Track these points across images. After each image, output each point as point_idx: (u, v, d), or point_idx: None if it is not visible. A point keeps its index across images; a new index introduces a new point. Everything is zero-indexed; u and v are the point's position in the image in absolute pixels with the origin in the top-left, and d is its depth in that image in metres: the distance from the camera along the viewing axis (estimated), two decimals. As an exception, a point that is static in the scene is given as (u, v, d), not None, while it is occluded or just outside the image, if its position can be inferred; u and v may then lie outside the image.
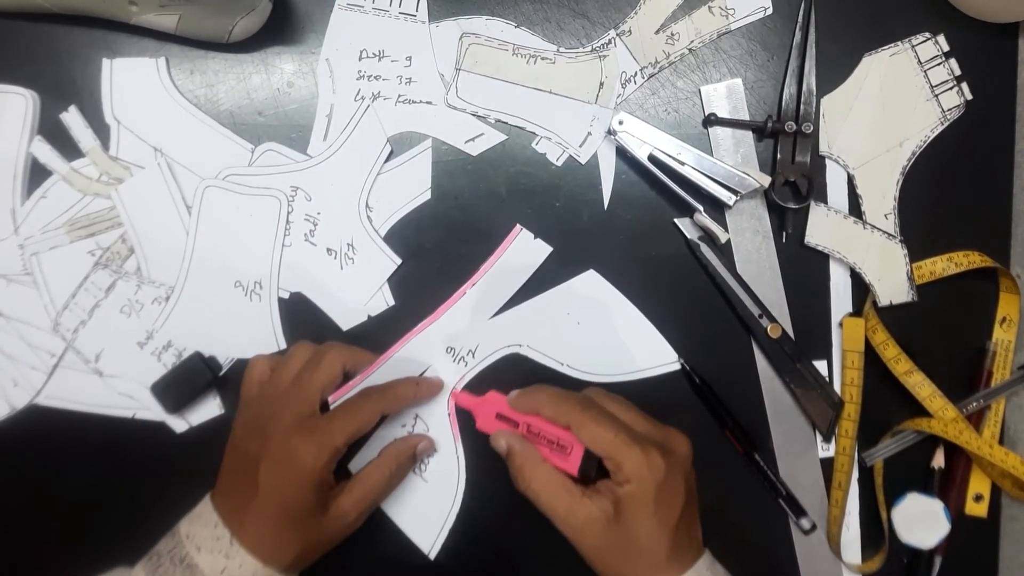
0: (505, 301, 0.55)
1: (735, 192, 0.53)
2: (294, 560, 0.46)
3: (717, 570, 0.47)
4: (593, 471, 0.47)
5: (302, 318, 0.55)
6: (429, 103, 0.56)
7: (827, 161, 0.56)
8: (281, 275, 0.55)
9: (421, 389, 0.53)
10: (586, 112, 0.56)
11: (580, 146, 0.56)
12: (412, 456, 0.52)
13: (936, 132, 0.56)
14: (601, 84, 0.56)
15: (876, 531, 0.56)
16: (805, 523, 0.54)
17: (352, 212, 0.55)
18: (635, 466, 0.44)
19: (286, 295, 0.55)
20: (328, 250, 0.55)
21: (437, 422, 0.54)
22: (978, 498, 0.56)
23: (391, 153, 0.55)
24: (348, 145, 0.55)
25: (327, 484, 0.47)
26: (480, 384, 0.54)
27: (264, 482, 0.46)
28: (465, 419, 0.54)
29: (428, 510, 0.54)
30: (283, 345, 0.55)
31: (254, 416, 0.49)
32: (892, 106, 0.56)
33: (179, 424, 0.55)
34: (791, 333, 0.55)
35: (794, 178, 0.55)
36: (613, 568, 0.46)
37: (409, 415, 0.54)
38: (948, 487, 0.56)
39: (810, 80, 0.55)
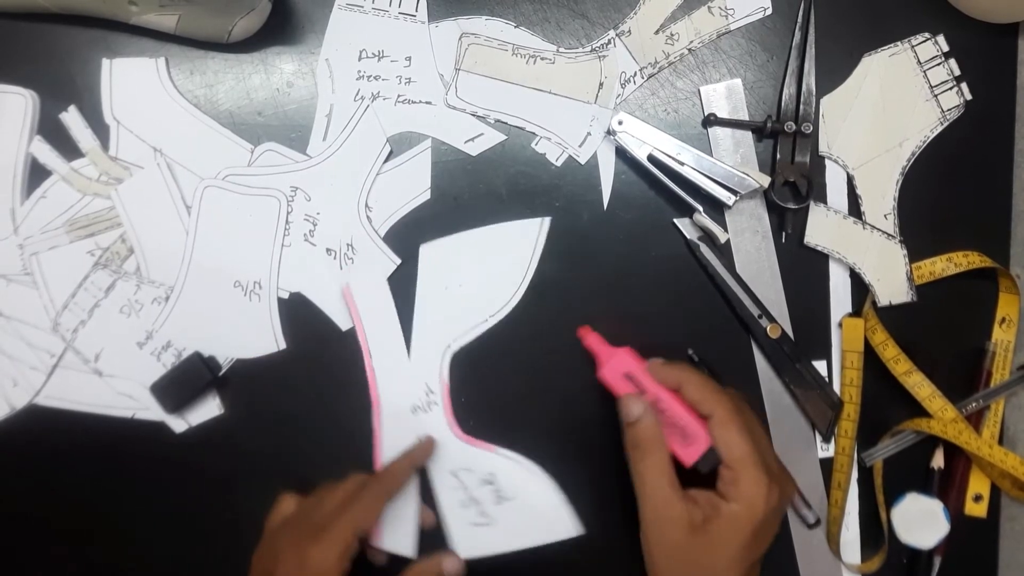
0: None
1: (735, 192, 0.53)
2: None
3: None
4: (707, 470, 0.45)
5: (302, 318, 0.55)
6: (429, 103, 0.56)
7: (827, 161, 0.56)
8: (281, 275, 0.55)
9: (417, 458, 0.53)
10: (585, 112, 0.56)
11: (580, 146, 0.56)
12: None
13: (936, 132, 0.56)
14: (600, 84, 0.56)
15: (876, 531, 0.56)
16: (810, 516, 0.54)
17: (352, 212, 0.55)
18: (754, 491, 0.43)
19: (286, 295, 0.55)
20: (328, 250, 0.55)
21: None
22: (977, 498, 0.56)
23: (391, 153, 0.55)
24: (348, 145, 0.55)
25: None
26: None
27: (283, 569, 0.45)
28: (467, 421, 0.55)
29: None
30: (283, 345, 0.55)
31: (271, 544, 0.49)
32: (892, 106, 0.56)
33: (179, 424, 0.55)
34: (791, 333, 0.55)
35: (793, 178, 0.55)
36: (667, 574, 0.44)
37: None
38: (948, 487, 0.56)
39: (810, 80, 0.55)
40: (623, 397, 0.48)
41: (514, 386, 0.55)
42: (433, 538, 0.54)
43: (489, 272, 0.55)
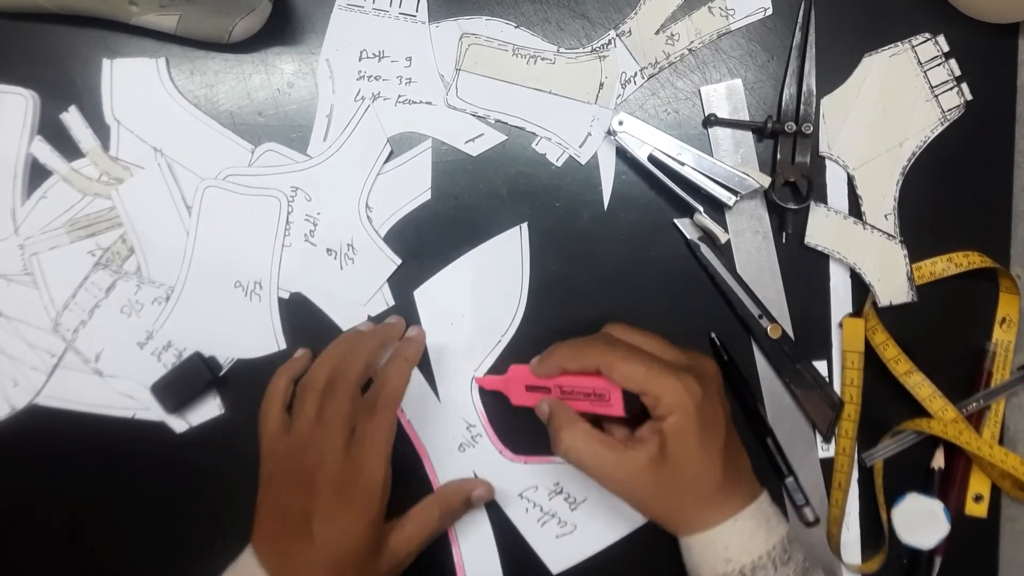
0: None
1: (735, 192, 0.53)
2: None
3: (777, 511, 0.47)
4: (639, 407, 0.46)
5: (302, 318, 0.55)
6: (429, 103, 0.56)
7: (827, 161, 0.56)
8: (281, 275, 0.55)
9: (411, 357, 0.50)
10: (586, 112, 0.56)
11: (580, 146, 0.56)
12: (466, 501, 0.52)
13: (936, 132, 0.56)
14: (601, 84, 0.56)
15: (876, 531, 0.56)
16: (809, 514, 0.54)
17: (352, 212, 0.55)
18: (673, 395, 0.44)
19: (286, 295, 0.55)
20: (328, 250, 0.55)
21: None
22: (978, 498, 0.56)
23: (391, 153, 0.55)
24: (348, 145, 0.55)
25: (381, 522, 0.47)
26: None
27: (320, 533, 0.45)
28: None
29: None
30: (283, 346, 0.55)
31: (290, 470, 0.47)
32: (892, 106, 0.56)
33: (179, 424, 0.55)
34: (791, 333, 0.55)
35: (794, 178, 0.55)
36: (669, 510, 0.45)
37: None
38: (948, 487, 0.56)
39: (810, 80, 0.55)
40: (535, 409, 0.49)
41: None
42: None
43: (486, 294, 0.55)
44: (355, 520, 0.45)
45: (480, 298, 0.55)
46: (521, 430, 0.55)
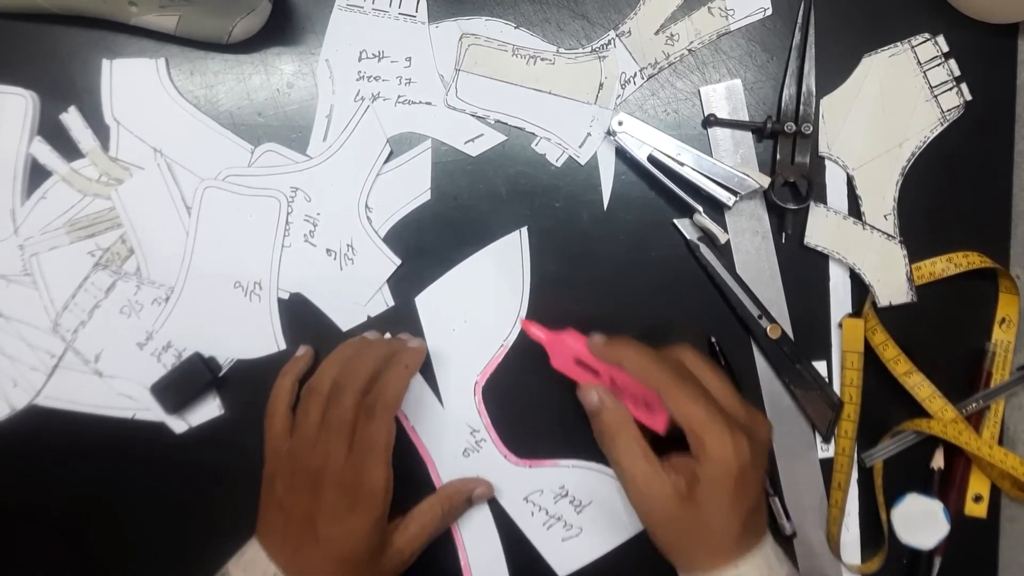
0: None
1: (734, 193, 0.53)
2: None
3: (779, 553, 0.47)
4: (677, 433, 0.46)
5: (302, 319, 0.55)
6: (429, 104, 0.56)
7: (826, 162, 0.56)
8: (281, 276, 0.55)
9: (412, 363, 0.50)
10: (585, 113, 0.56)
11: (580, 147, 0.56)
12: (468, 500, 0.53)
13: (936, 133, 0.56)
14: (600, 85, 0.56)
15: (876, 532, 0.56)
16: (787, 528, 0.54)
17: (352, 213, 0.55)
18: (721, 449, 0.43)
19: (286, 296, 0.55)
20: (328, 251, 0.55)
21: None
22: (977, 499, 0.56)
23: (391, 154, 0.55)
24: (348, 146, 0.55)
25: (384, 523, 0.48)
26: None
27: (326, 533, 0.46)
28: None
29: None
30: (283, 346, 0.55)
31: (294, 471, 0.48)
32: (892, 107, 0.56)
33: (179, 425, 0.55)
34: (791, 334, 0.55)
35: (793, 179, 0.55)
36: (678, 546, 0.45)
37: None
38: (948, 488, 0.56)
39: (810, 81, 0.55)
40: (579, 390, 0.48)
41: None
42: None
43: (488, 299, 0.55)
44: (359, 522, 0.46)
45: (481, 303, 0.55)
46: (525, 434, 0.55)
